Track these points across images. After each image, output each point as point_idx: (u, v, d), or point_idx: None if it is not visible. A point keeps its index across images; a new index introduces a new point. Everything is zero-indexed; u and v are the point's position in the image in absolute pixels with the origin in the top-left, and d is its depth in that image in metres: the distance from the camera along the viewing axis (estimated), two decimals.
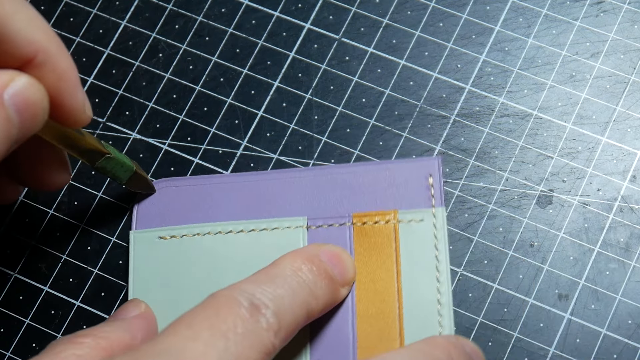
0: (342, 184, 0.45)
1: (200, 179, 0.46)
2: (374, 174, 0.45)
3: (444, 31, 0.48)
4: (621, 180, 0.45)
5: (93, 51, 0.49)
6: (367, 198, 0.44)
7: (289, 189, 0.45)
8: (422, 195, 0.44)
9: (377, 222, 0.44)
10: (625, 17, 0.47)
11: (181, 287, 0.44)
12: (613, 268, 0.43)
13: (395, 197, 0.44)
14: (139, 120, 0.47)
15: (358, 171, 0.45)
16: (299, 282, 0.40)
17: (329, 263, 0.42)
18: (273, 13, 0.49)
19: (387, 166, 0.45)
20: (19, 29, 0.37)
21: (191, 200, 0.45)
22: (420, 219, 0.43)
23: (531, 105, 0.46)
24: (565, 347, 0.42)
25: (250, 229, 0.44)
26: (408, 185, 0.44)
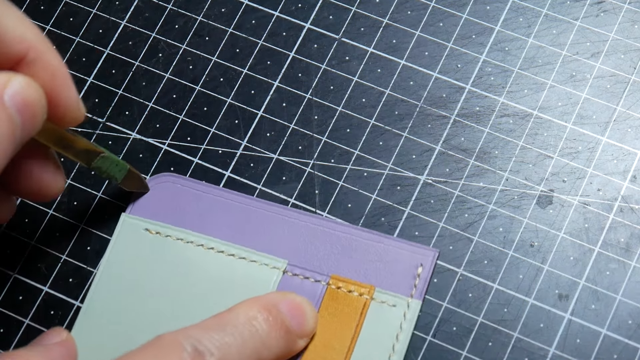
0: (334, 241, 0.44)
1: (201, 185, 0.46)
2: (368, 242, 0.44)
3: (444, 31, 0.48)
4: (621, 180, 0.45)
5: (93, 51, 0.49)
6: (352, 263, 0.44)
7: (281, 227, 0.45)
8: (405, 281, 0.43)
9: (351, 291, 0.43)
10: (625, 17, 0.47)
11: (145, 284, 0.44)
12: (613, 268, 0.43)
13: (378, 273, 0.43)
14: (139, 120, 0.47)
15: (353, 234, 0.44)
16: (251, 331, 0.40)
17: (288, 314, 0.41)
18: (273, 13, 0.49)
19: (383, 240, 0.44)
20: (10, 27, 0.37)
21: (186, 203, 0.45)
22: (393, 304, 0.43)
23: (531, 105, 0.46)
24: (566, 347, 0.42)
25: (231, 252, 0.44)
26: (396, 267, 0.43)
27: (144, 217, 0.45)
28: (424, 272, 0.43)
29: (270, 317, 0.41)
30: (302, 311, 0.42)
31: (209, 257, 0.44)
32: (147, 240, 0.45)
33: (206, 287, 0.44)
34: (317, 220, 0.45)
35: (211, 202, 0.45)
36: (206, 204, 0.45)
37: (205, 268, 0.44)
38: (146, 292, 0.44)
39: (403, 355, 0.42)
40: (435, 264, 0.43)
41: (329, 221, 0.45)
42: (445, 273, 0.44)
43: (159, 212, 0.45)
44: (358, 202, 0.45)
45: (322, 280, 0.43)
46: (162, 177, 0.46)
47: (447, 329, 0.43)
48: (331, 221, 0.45)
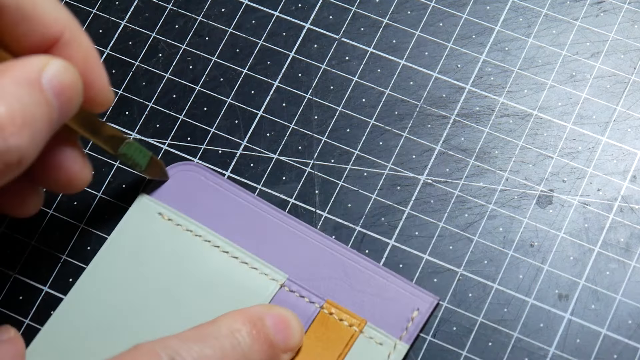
0: (339, 265, 0.44)
1: (222, 181, 0.46)
2: (371, 274, 0.44)
3: (444, 31, 0.48)
4: (621, 180, 0.45)
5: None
6: (350, 291, 0.43)
7: (291, 241, 0.44)
8: (398, 322, 0.43)
9: (342, 320, 0.43)
10: (625, 17, 0.47)
11: (142, 268, 0.44)
12: (613, 268, 0.43)
13: (374, 307, 0.43)
14: (139, 120, 0.47)
15: (360, 264, 0.44)
16: (233, 343, 0.39)
17: (273, 328, 0.41)
18: (273, 13, 0.49)
19: (387, 276, 0.43)
20: (46, 7, 0.36)
21: (204, 196, 0.45)
22: (381, 342, 0.42)
23: (531, 105, 0.46)
24: (566, 347, 0.42)
25: (235, 255, 0.44)
26: (392, 306, 0.43)
27: (160, 201, 0.45)
28: (418, 316, 0.43)
29: (255, 330, 0.40)
30: (288, 325, 0.41)
31: (213, 255, 0.44)
32: (157, 225, 0.45)
33: (201, 284, 0.44)
34: (328, 241, 0.44)
35: (228, 200, 0.45)
36: (222, 201, 0.45)
37: (206, 264, 0.44)
38: (140, 277, 0.44)
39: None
40: (433, 311, 0.43)
41: (339, 245, 0.44)
42: (445, 273, 0.44)
43: (176, 199, 0.45)
44: (358, 202, 0.45)
45: (316, 302, 0.43)
46: (185, 166, 0.46)
47: (447, 329, 0.43)
48: (342, 246, 0.44)
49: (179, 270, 0.44)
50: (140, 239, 0.45)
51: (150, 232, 0.45)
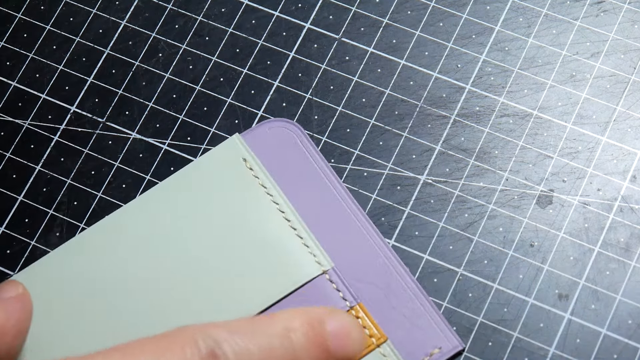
0: (387, 277, 0.43)
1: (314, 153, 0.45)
2: (411, 297, 0.43)
3: (444, 31, 0.48)
4: (621, 180, 0.45)
5: (93, 51, 0.49)
6: (384, 305, 0.43)
7: (350, 235, 0.44)
8: (416, 352, 0.42)
9: (364, 328, 0.42)
10: (625, 17, 0.47)
11: (203, 207, 0.44)
12: (613, 268, 0.43)
13: (399, 328, 0.42)
14: (139, 120, 0.47)
15: (406, 282, 0.43)
16: (284, 343, 0.37)
17: (331, 334, 0.38)
18: (273, 13, 0.49)
19: (425, 304, 0.42)
20: None
21: (290, 158, 0.45)
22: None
23: (531, 105, 0.46)
24: (566, 347, 0.42)
25: (294, 226, 0.44)
26: (417, 334, 0.42)
27: (250, 148, 0.45)
28: (438, 354, 0.42)
29: (312, 333, 0.38)
30: (349, 334, 0.39)
31: (274, 218, 0.44)
32: (236, 169, 0.45)
33: (250, 242, 0.43)
34: (387, 251, 0.44)
35: (311, 173, 0.45)
36: (306, 171, 0.45)
37: (264, 225, 0.44)
38: (194, 216, 0.44)
39: None
40: (453, 357, 0.42)
41: (395, 258, 0.43)
42: (445, 273, 0.44)
43: (264, 152, 0.45)
44: (358, 201, 0.45)
45: (349, 301, 0.42)
46: (286, 123, 0.46)
47: None
48: (398, 260, 0.43)
49: (235, 222, 0.44)
50: (213, 179, 0.45)
51: (227, 174, 0.45)
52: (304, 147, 0.46)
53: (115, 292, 0.43)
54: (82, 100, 0.48)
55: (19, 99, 0.48)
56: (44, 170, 0.47)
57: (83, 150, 0.47)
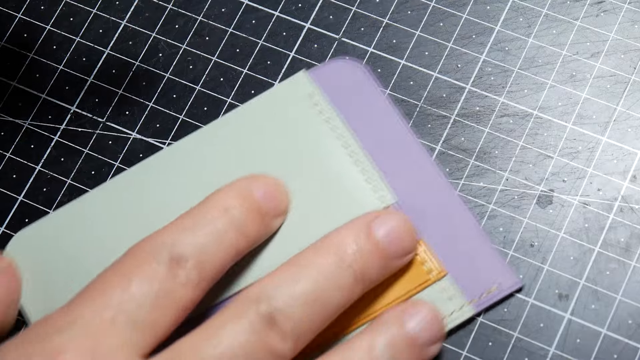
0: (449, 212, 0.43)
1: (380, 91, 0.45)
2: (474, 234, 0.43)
3: (444, 31, 0.48)
4: (621, 180, 0.45)
5: (93, 51, 0.49)
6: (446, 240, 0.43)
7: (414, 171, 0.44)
8: (475, 288, 0.42)
9: (424, 262, 0.42)
10: (625, 17, 0.47)
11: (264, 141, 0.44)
12: (613, 268, 0.43)
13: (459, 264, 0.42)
14: (139, 120, 0.47)
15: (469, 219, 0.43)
16: (227, 222, 0.39)
17: (262, 199, 0.41)
18: (273, 13, 0.49)
19: (486, 242, 0.43)
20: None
21: (355, 95, 0.45)
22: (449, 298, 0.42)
23: (531, 105, 0.46)
24: (566, 347, 0.42)
25: (358, 162, 0.44)
26: (477, 270, 0.42)
27: (316, 83, 0.45)
28: (496, 291, 0.42)
29: (246, 204, 0.40)
30: (276, 192, 0.42)
31: (338, 154, 0.44)
32: (301, 104, 0.45)
33: (309, 176, 0.44)
34: (452, 188, 0.44)
35: (377, 110, 0.45)
36: (371, 109, 0.45)
37: (327, 160, 0.44)
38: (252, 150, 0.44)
39: None
40: (511, 294, 0.42)
41: (458, 197, 0.44)
42: None
43: (330, 88, 0.45)
44: None
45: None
46: (353, 62, 0.46)
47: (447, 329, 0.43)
48: (463, 198, 0.44)
49: (298, 156, 0.44)
50: (278, 113, 0.45)
51: (292, 109, 0.45)
52: (370, 86, 0.46)
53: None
54: (82, 100, 0.48)
55: (19, 99, 0.48)
56: (44, 170, 0.47)
57: (83, 150, 0.47)
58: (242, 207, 0.40)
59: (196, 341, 0.36)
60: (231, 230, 0.39)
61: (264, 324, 0.37)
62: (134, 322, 0.36)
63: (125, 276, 0.37)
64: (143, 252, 0.38)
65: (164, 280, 0.37)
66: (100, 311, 0.36)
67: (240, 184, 0.41)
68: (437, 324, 0.40)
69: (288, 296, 0.37)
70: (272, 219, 0.42)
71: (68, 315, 0.36)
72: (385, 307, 0.42)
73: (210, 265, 0.38)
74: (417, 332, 0.39)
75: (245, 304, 0.37)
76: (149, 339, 0.37)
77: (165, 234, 0.38)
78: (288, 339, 0.37)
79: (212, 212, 0.39)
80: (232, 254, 0.39)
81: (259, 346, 0.36)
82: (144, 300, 0.37)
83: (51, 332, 0.36)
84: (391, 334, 0.39)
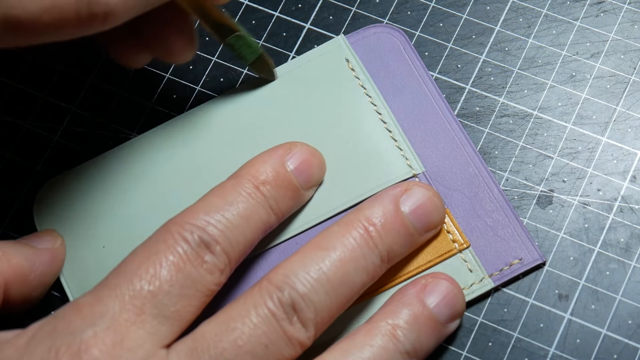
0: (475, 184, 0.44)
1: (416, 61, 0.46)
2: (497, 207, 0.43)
3: (444, 31, 0.48)
4: (621, 181, 0.45)
5: (93, 51, 0.48)
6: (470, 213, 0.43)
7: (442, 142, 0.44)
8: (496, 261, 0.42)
9: (448, 233, 0.43)
10: (625, 17, 0.47)
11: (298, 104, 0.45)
12: (613, 268, 0.43)
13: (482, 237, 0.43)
14: (139, 120, 0.47)
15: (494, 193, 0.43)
16: (258, 201, 0.39)
17: (296, 172, 0.41)
18: (273, 13, 0.49)
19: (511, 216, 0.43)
20: None
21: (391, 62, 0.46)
22: (471, 269, 0.42)
23: (531, 105, 0.46)
24: (566, 347, 0.42)
25: (390, 129, 0.44)
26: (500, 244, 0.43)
27: (353, 49, 0.46)
28: (517, 265, 0.43)
29: (279, 179, 0.40)
30: (310, 164, 0.42)
31: (370, 119, 0.45)
32: (337, 68, 0.46)
33: (342, 140, 0.44)
34: (479, 162, 0.44)
35: (411, 79, 0.45)
36: (405, 76, 0.46)
37: (360, 126, 0.44)
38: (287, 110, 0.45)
39: None
40: (530, 268, 0.43)
41: (486, 170, 0.44)
42: None
43: (366, 54, 0.46)
44: None
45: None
46: (389, 29, 0.47)
47: None
48: (489, 172, 0.44)
49: (331, 119, 0.45)
50: (313, 76, 0.46)
51: (328, 72, 0.46)
52: (407, 54, 0.46)
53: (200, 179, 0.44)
54: (82, 100, 0.48)
55: (19, 99, 0.48)
56: (44, 170, 0.46)
57: (83, 150, 0.47)
58: (274, 183, 0.40)
59: (217, 330, 0.37)
60: (262, 209, 0.39)
61: (285, 313, 0.37)
62: (161, 312, 0.36)
63: (155, 261, 0.37)
64: (174, 234, 0.38)
65: (192, 267, 0.37)
66: (129, 302, 0.36)
67: (274, 156, 0.41)
68: (458, 300, 0.40)
69: (312, 281, 0.37)
70: (305, 191, 0.42)
71: (97, 305, 0.36)
72: (407, 275, 0.42)
73: (238, 248, 0.38)
74: (438, 310, 0.40)
75: (269, 290, 0.37)
76: (175, 329, 0.37)
77: (195, 214, 0.38)
78: (310, 326, 0.37)
79: (243, 189, 0.39)
80: (261, 231, 0.40)
81: (279, 335, 0.37)
82: (172, 289, 0.37)
83: (80, 324, 0.36)
84: (412, 314, 0.39)
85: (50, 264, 0.42)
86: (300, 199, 0.42)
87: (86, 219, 0.44)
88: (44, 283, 0.42)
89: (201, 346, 0.36)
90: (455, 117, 0.45)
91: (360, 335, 0.38)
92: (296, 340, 0.37)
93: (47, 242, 0.42)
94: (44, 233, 0.43)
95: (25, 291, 0.41)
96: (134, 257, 0.38)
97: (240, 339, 0.36)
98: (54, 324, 0.37)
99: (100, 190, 0.44)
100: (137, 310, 0.36)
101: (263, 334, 0.36)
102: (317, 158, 0.43)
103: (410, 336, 0.38)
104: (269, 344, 0.36)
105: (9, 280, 0.40)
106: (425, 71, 0.46)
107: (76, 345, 0.35)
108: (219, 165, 0.44)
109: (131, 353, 0.36)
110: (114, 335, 0.36)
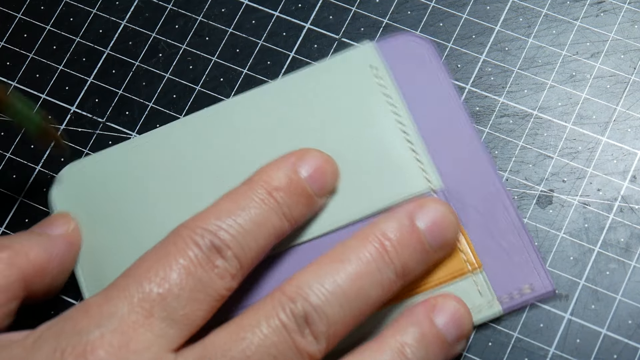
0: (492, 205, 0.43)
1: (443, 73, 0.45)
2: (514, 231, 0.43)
3: (444, 31, 0.48)
4: (621, 180, 0.45)
5: (93, 51, 0.49)
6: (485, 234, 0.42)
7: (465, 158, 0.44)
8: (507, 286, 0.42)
9: (461, 252, 0.42)
10: (625, 17, 0.47)
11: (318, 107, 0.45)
12: (613, 268, 0.43)
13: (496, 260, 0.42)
14: (139, 120, 0.47)
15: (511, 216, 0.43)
16: (271, 207, 0.39)
17: (309, 179, 0.41)
18: (273, 13, 0.49)
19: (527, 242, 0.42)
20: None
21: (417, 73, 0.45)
22: (481, 292, 0.42)
23: (531, 105, 0.46)
24: (565, 347, 0.42)
25: (411, 140, 0.44)
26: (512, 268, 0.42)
27: (379, 56, 0.45)
28: (528, 293, 0.42)
29: (292, 187, 0.40)
30: (323, 172, 0.41)
31: (392, 129, 0.44)
32: (361, 75, 0.45)
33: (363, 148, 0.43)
34: (498, 183, 0.43)
35: (437, 91, 0.45)
36: (432, 89, 0.45)
37: (381, 135, 0.44)
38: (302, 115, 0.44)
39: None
40: (541, 299, 0.42)
41: (506, 192, 0.43)
42: None
43: (393, 62, 0.45)
44: None
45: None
46: (418, 38, 0.46)
47: None
48: (508, 194, 0.43)
49: (352, 126, 0.44)
50: (339, 81, 0.45)
51: (353, 79, 0.45)
52: (434, 65, 0.46)
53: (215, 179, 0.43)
54: (82, 100, 0.48)
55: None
56: (44, 170, 0.47)
57: (83, 150, 0.47)
58: (287, 189, 0.39)
59: (227, 339, 0.36)
60: (275, 215, 0.39)
61: (297, 324, 0.36)
62: (170, 315, 0.36)
63: (165, 264, 0.37)
64: (185, 238, 0.38)
65: (203, 271, 0.37)
66: (137, 304, 0.36)
67: (288, 162, 0.41)
68: (465, 320, 0.40)
69: (327, 293, 0.37)
70: (319, 199, 0.41)
71: (106, 306, 0.36)
72: (417, 292, 0.41)
73: (250, 254, 0.38)
74: (446, 329, 0.39)
75: (282, 301, 0.37)
76: (183, 333, 0.37)
77: (208, 218, 0.38)
78: (321, 340, 0.37)
79: (256, 194, 0.39)
80: (273, 238, 0.39)
81: (289, 347, 0.36)
82: (182, 293, 0.36)
83: (87, 325, 0.36)
84: (421, 332, 0.38)
85: (67, 250, 0.41)
86: (314, 206, 0.41)
87: (107, 208, 0.43)
88: (63, 270, 0.42)
89: (210, 354, 0.36)
90: (477, 133, 0.44)
91: (369, 351, 0.38)
92: (306, 353, 0.36)
93: (61, 227, 0.42)
94: (56, 218, 0.43)
95: (46, 281, 0.41)
96: (144, 260, 0.38)
97: (249, 349, 0.36)
98: (62, 325, 0.37)
99: (123, 181, 0.44)
100: (145, 312, 0.36)
101: (272, 345, 0.36)
102: (330, 165, 0.42)
103: (419, 354, 0.38)
104: (277, 355, 0.36)
105: (30, 275, 0.40)
106: (451, 84, 0.45)
107: (82, 346, 0.35)
108: (238, 167, 0.43)
109: (138, 355, 0.35)
110: (121, 336, 0.35)
